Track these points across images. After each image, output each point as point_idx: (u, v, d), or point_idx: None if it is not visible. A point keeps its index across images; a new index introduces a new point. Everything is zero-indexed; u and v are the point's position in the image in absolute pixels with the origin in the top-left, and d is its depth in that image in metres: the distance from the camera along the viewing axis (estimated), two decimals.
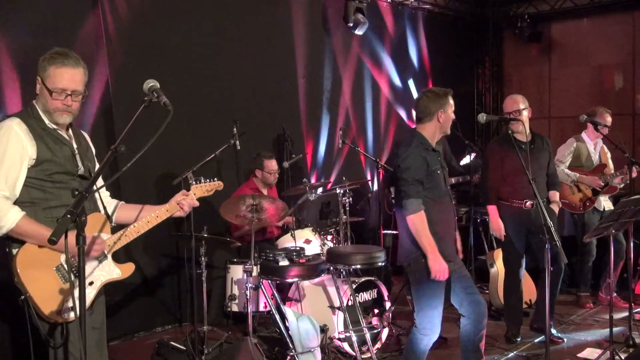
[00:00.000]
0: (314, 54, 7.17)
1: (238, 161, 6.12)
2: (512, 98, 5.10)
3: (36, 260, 2.66)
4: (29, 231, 2.64)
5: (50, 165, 2.73)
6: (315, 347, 4.42)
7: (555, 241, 3.60)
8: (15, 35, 4.64)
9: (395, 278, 6.87)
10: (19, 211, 2.66)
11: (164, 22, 5.66)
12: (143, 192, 5.38)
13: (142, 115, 2.63)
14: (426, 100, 3.76)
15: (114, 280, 2.90)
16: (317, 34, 7.24)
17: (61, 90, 2.73)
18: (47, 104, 2.76)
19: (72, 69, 2.76)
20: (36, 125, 2.75)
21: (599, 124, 5.35)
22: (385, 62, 8.07)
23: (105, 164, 2.50)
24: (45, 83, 2.74)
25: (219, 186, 3.41)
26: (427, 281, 3.62)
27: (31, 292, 2.61)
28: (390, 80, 8.21)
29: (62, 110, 2.77)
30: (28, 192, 2.71)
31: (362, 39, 7.65)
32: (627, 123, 6.88)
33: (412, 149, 3.70)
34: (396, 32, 8.16)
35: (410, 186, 3.61)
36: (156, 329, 5.63)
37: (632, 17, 8.38)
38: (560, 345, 5.05)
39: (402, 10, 8.21)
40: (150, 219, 2.99)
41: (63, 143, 2.81)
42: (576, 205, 6.13)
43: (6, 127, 2.70)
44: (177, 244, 5.63)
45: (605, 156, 6.24)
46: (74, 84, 2.76)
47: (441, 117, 3.74)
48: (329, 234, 5.50)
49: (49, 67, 2.74)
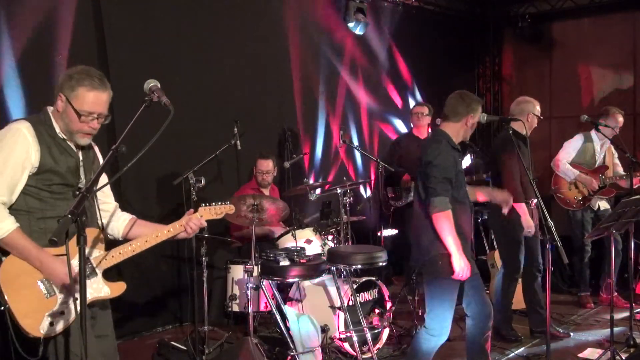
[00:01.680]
0: (314, 53, 7.17)
1: (239, 161, 6.12)
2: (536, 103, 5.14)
3: (21, 272, 2.59)
4: (18, 246, 2.58)
5: (51, 175, 2.68)
6: (315, 347, 4.42)
7: (555, 241, 3.60)
8: (15, 34, 4.63)
9: (396, 278, 6.88)
10: (14, 222, 2.60)
11: (165, 22, 5.67)
12: (143, 193, 5.39)
13: (143, 115, 2.62)
14: (460, 101, 3.75)
15: (102, 298, 2.80)
16: (318, 33, 7.24)
17: (88, 114, 2.68)
18: (70, 124, 2.69)
19: (101, 92, 2.69)
20: (46, 132, 2.69)
21: (600, 124, 5.35)
22: (385, 62, 8.07)
23: (105, 164, 2.50)
24: (72, 103, 2.66)
25: (230, 210, 3.16)
26: (442, 282, 3.61)
27: (11, 304, 2.54)
28: (390, 80, 8.20)
29: (86, 133, 2.72)
30: (25, 200, 2.66)
31: (361, 39, 7.65)
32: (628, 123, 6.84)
33: (443, 147, 3.68)
34: (396, 32, 8.15)
35: (440, 184, 3.57)
36: (157, 329, 5.63)
37: (632, 17, 8.37)
38: (560, 345, 5.05)
39: (402, 10, 8.21)
40: (149, 239, 2.89)
41: (69, 154, 2.75)
42: (570, 202, 6.14)
43: (15, 129, 2.65)
44: (178, 244, 5.63)
45: (610, 157, 6.23)
46: (101, 107, 2.71)
47: (469, 122, 3.74)
48: (329, 234, 5.50)
49: (77, 87, 2.66)
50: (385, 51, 8.06)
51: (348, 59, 7.66)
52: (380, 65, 8.03)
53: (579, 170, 6.07)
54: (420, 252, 3.74)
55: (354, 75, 7.72)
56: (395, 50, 8.17)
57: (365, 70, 7.84)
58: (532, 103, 5.09)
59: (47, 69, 4.78)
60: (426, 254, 3.67)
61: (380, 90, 8.06)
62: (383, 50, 8.03)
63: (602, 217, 5.79)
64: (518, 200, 4.86)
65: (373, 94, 7.97)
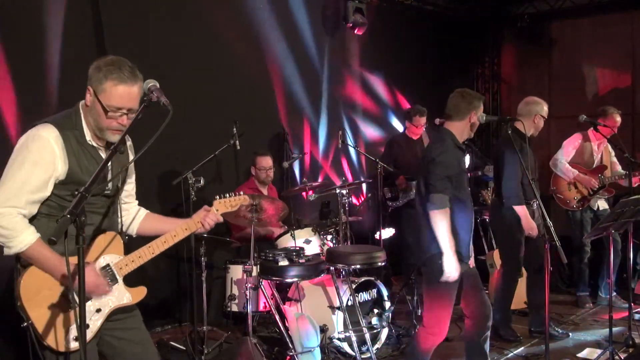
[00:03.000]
0: (313, 53, 7.17)
1: (238, 161, 6.12)
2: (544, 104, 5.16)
3: (42, 285, 2.49)
4: (39, 258, 2.46)
5: (77, 186, 2.46)
6: (314, 347, 4.42)
7: (555, 241, 3.60)
8: (11, 36, 4.60)
9: (395, 278, 6.87)
10: (34, 233, 2.47)
11: (164, 22, 5.66)
12: (142, 192, 5.34)
13: (142, 115, 2.61)
14: (461, 100, 3.76)
15: (124, 305, 2.71)
16: (317, 33, 7.24)
17: (117, 109, 2.52)
18: (98, 119, 2.54)
19: (130, 86, 2.50)
20: (75, 139, 2.54)
21: (599, 124, 5.35)
22: (384, 62, 8.06)
23: (105, 164, 2.48)
24: (100, 98, 2.50)
25: (245, 200, 3.10)
26: (441, 283, 3.60)
27: (34, 319, 2.46)
28: (390, 80, 8.20)
29: (115, 130, 2.56)
30: (47, 207, 2.55)
31: (361, 39, 7.65)
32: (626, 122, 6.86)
33: (447, 145, 3.69)
34: (396, 32, 8.15)
35: (440, 181, 3.57)
36: (156, 329, 5.62)
37: (631, 17, 8.38)
38: (559, 345, 5.05)
39: (401, 10, 8.21)
40: (167, 239, 2.80)
41: (98, 164, 2.55)
42: (570, 202, 6.14)
43: (44, 140, 2.48)
44: (177, 244, 5.61)
45: (607, 155, 6.24)
46: (131, 102, 2.53)
47: (472, 119, 3.75)
48: (328, 234, 5.50)
49: (105, 81, 2.49)
50: (384, 51, 8.05)
51: (348, 58, 7.66)
52: (379, 65, 8.03)
53: (578, 170, 6.08)
54: (420, 251, 3.74)
55: (354, 75, 7.72)
56: (394, 50, 8.16)
57: (364, 70, 7.84)
58: (540, 104, 5.09)
59: (41, 68, 4.75)
60: (425, 252, 3.67)
61: (378, 90, 8.06)
62: (382, 49, 8.02)
63: (601, 217, 5.79)
64: (516, 203, 4.87)
65: (371, 94, 7.97)
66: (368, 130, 7.93)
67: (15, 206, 2.45)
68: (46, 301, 2.49)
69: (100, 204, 2.68)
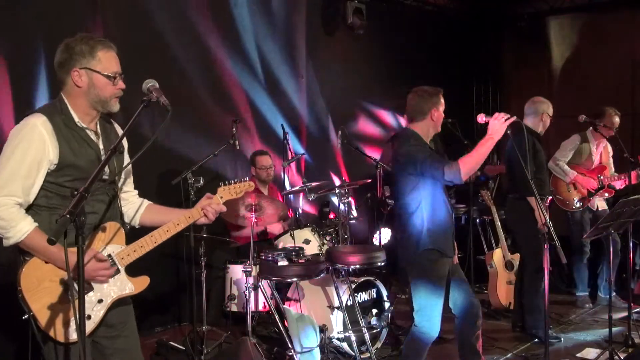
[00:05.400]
0: (313, 54, 7.17)
1: (237, 161, 6.11)
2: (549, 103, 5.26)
3: (43, 276, 2.49)
4: (39, 247, 2.45)
5: (72, 170, 2.53)
6: (314, 347, 4.42)
7: (554, 241, 3.60)
8: (8, 36, 4.59)
9: (395, 278, 6.86)
10: (31, 222, 2.47)
11: (164, 21, 5.65)
12: (142, 192, 5.34)
13: (142, 115, 2.61)
14: (419, 99, 3.77)
15: (126, 295, 2.71)
16: (317, 33, 7.24)
17: (118, 74, 2.60)
18: (103, 92, 2.58)
19: (114, 50, 2.62)
20: (63, 123, 2.55)
21: (599, 125, 5.35)
22: (384, 62, 8.06)
23: (104, 164, 2.48)
24: (99, 70, 2.55)
25: (250, 187, 3.04)
26: (427, 280, 3.62)
27: (35, 311, 2.46)
28: (390, 80, 8.19)
29: (117, 96, 2.63)
30: (46, 198, 2.54)
31: (361, 38, 7.65)
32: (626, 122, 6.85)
33: (412, 146, 3.68)
34: (395, 32, 8.15)
35: (429, 158, 3.55)
36: (155, 329, 5.62)
37: (630, 17, 8.38)
38: (559, 345, 5.06)
39: (401, 10, 8.20)
40: (169, 228, 2.75)
41: (89, 145, 2.61)
42: (570, 203, 6.14)
43: (31, 125, 2.49)
44: (176, 244, 5.62)
45: (606, 155, 6.23)
46: (119, 65, 2.63)
47: (434, 116, 3.74)
48: (328, 234, 5.50)
49: (96, 52, 2.54)
50: (383, 50, 8.05)
51: (347, 59, 7.66)
52: (379, 65, 8.02)
53: (577, 171, 6.08)
54: (405, 252, 3.75)
55: (354, 75, 7.71)
56: (393, 49, 8.16)
57: (363, 70, 7.84)
58: (546, 103, 5.25)
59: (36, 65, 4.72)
60: (410, 253, 3.68)
61: (377, 89, 8.06)
62: (382, 50, 8.02)
63: (600, 217, 5.78)
64: (529, 194, 4.76)
65: (370, 93, 7.96)
66: (368, 130, 7.92)
67: (11, 194, 2.45)
68: (47, 293, 2.49)
69: (100, 190, 2.65)
